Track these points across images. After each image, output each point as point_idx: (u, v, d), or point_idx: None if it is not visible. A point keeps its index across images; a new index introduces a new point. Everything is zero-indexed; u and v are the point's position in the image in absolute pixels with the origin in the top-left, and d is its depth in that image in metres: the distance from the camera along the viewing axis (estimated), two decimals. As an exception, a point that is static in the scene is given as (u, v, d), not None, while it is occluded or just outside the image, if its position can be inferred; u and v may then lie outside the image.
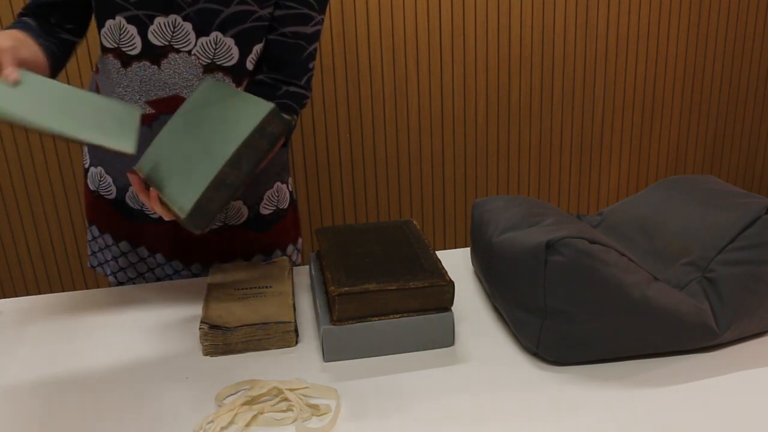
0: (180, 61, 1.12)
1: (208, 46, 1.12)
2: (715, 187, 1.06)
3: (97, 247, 1.33)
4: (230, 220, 1.27)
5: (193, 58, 1.12)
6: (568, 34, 2.30)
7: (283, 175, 1.32)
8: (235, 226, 1.28)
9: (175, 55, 1.12)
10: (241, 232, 1.28)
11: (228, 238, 1.28)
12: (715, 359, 0.92)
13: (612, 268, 0.88)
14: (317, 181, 2.29)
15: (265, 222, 1.30)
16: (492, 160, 2.40)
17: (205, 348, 0.97)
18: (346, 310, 0.93)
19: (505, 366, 0.92)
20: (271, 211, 1.30)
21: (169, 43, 1.11)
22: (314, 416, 0.84)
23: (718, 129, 2.56)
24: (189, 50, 1.11)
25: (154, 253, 1.28)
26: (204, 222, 0.91)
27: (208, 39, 1.11)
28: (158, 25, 1.09)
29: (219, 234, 1.27)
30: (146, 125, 1.16)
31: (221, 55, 1.13)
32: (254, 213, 1.29)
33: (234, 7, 1.09)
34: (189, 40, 1.11)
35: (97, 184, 1.26)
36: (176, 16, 1.09)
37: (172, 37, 1.10)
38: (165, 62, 1.12)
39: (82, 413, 0.86)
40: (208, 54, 1.12)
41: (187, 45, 1.11)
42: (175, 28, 1.10)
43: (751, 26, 2.44)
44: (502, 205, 1.08)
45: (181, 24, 1.10)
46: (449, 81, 2.26)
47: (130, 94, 1.14)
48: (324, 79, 2.18)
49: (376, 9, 2.14)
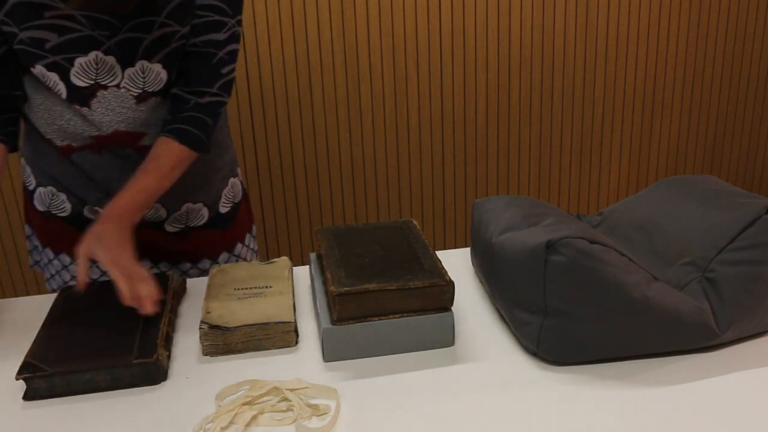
0: (110, 97, 1.09)
1: (137, 76, 1.08)
2: (715, 187, 1.06)
3: (54, 270, 1.28)
4: (191, 222, 1.27)
5: (123, 90, 1.09)
6: (568, 34, 2.30)
7: (234, 170, 1.32)
8: (197, 228, 1.28)
9: (103, 92, 1.08)
10: (204, 233, 1.29)
11: (192, 238, 1.28)
12: (715, 359, 0.92)
13: (612, 268, 0.88)
14: (317, 181, 2.29)
15: (225, 219, 1.31)
16: (492, 160, 2.40)
17: (205, 348, 0.97)
18: (346, 310, 0.93)
19: (505, 366, 0.92)
20: (228, 208, 1.31)
21: (95, 81, 1.07)
22: (314, 416, 0.84)
23: (718, 129, 2.56)
24: (117, 84, 1.08)
25: None
26: None
27: (135, 69, 1.08)
28: (80, 66, 1.06)
29: (181, 236, 1.27)
30: (96, 153, 1.15)
31: (150, 82, 1.10)
32: (215, 212, 1.29)
33: (156, 32, 1.06)
34: (115, 74, 1.07)
35: (48, 204, 1.23)
36: (97, 53, 1.06)
37: (97, 75, 1.07)
38: (94, 101, 1.09)
39: (82, 413, 0.86)
40: (137, 84, 1.09)
41: (114, 79, 1.08)
42: (99, 65, 1.06)
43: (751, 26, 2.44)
44: (502, 205, 1.08)
45: (103, 59, 1.06)
46: (449, 81, 2.26)
47: (68, 140, 1.13)
48: (324, 79, 2.18)
49: (376, 9, 2.13)
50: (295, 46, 2.13)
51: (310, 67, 2.16)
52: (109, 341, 0.94)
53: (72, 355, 0.91)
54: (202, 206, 1.27)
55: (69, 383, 0.89)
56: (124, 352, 0.91)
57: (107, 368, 0.90)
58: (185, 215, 1.26)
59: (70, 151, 1.15)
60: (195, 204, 1.26)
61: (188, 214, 1.26)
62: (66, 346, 0.93)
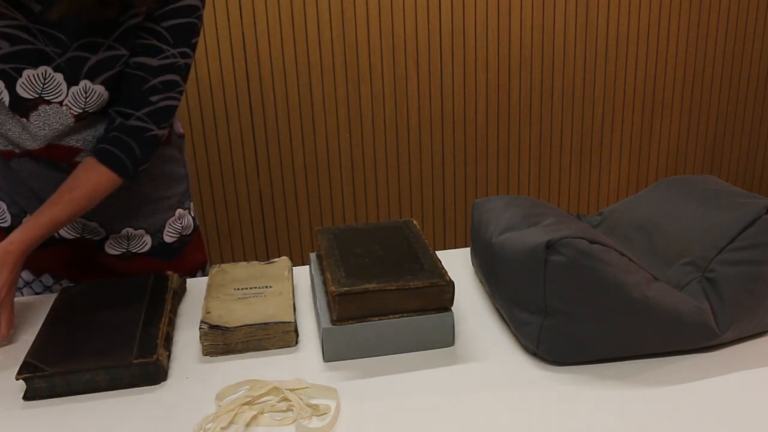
0: (50, 112, 1.08)
1: (79, 96, 1.07)
2: (715, 187, 1.06)
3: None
4: (133, 247, 1.25)
5: (65, 108, 1.08)
6: (568, 34, 2.30)
7: (184, 202, 1.30)
8: (140, 254, 1.26)
9: (45, 107, 1.07)
10: (147, 260, 1.27)
11: (134, 265, 1.26)
12: (715, 359, 0.92)
13: (612, 268, 0.88)
14: (317, 181, 2.29)
15: (171, 250, 1.29)
16: (492, 160, 2.40)
17: (205, 348, 0.97)
18: (346, 310, 0.93)
19: (505, 366, 0.92)
20: (175, 239, 1.29)
21: (39, 95, 1.06)
22: (314, 416, 0.84)
23: (718, 129, 2.57)
24: (60, 101, 1.07)
25: (59, 280, 1.26)
26: None
27: (78, 88, 1.07)
28: (27, 78, 1.05)
29: (122, 260, 1.26)
30: (34, 161, 1.13)
31: (92, 102, 1.08)
32: (158, 241, 1.27)
33: (102, 54, 1.05)
34: (60, 91, 1.06)
35: None
36: (46, 68, 1.05)
37: (43, 89, 1.06)
38: (34, 114, 1.08)
39: (82, 413, 0.86)
40: (79, 103, 1.08)
41: (58, 96, 1.07)
42: (46, 80, 1.05)
43: (751, 26, 2.44)
44: (502, 205, 1.08)
45: (51, 75, 1.05)
46: (449, 81, 2.26)
47: (11, 145, 1.12)
48: (324, 79, 2.18)
49: (376, 9, 2.14)
50: (295, 46, 2.13)
51: (310, 67, 2.16)
52: (109, 341, 0.94)
53: (72, 355, 0.91)
54: (144, 233, 1.25)
55: (69, 383, 0.89)
56: (124, 352, 0.91)
57: (107, 368, 0.90)
58: (126, 239, 1.24)
59: (10, 156, 1.14)
60: (136, 230, 1.24)
61: (129, 238, 1.24)
62: (66, 346, 0.93)
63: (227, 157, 2.21)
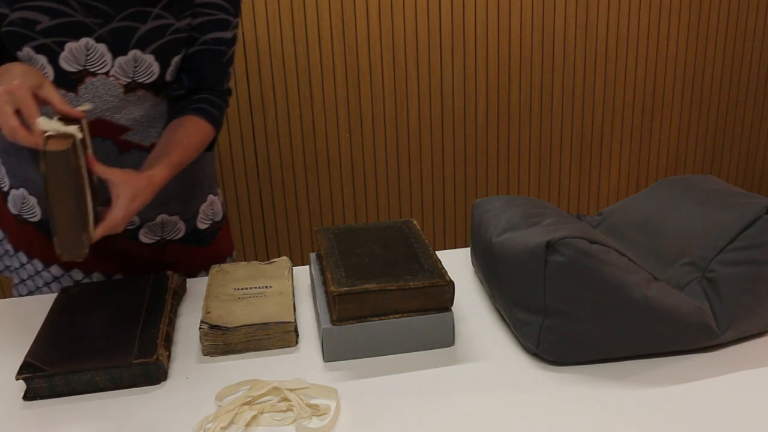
0: (98, 84, 1.08)
1: (127, 65, 1.08)
2: (715, 187, 1.06)
3: (26, 275, 1.25)
4: (167, 234, 1.25)
5: (111, 79, 1.08)
6: (568, 34, 2.30)
7: (213, 187, 1.31)
8: (174, 241, 1.26)
9: (92, 79, 1.08)
10: (181, 247, 1.27)
11: (168, 253, 1.26)
12: (715, 359, 0.92)
13: (612, 268, 0.88)
14: (317, 181, 2.29)
15: (204, 236, 1.29)
16: (492, 160, 2.40)
17: (205, 348, 0.97)
18: (346, 310, 0.93)
19: (505, 366, 0.92)
20: (208, 225, 1.29)
21: (83, 67, 1.07)
22: (314, 416, 0.84)
23: (718, 129, 2.57)
24: (106, 72, 1.08)
25: (89, 274, 1.24)
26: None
27: (127, 58, 1.08)
28: (69, 51, 1.05)
29: (157, 249, 1.25)
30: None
31: (141, 72, 1.09)
32: (192, 227, 1.27)
33: (151, 23, 1.07)
34: (105, 62, 1.07)
35: (20, 208, 1.20)
36: (88, 39, 1.05)
37: (86, 61, 1.06)
38: (82, 87, 1.08)
39: (82, 413, 0.86)
40: (127, 73, 1.09)
41: (103, 67, 1.07)
42: (89, 52, 1.06)
43: (751, 26, 2.44)
44: (502, 205, 1.08)
45: (94, 46, 1.06)
46: (449, 81, 2.26)
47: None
48: (324, 79, 2.18)
49: (376, 9, 2.14)
50: (295, 46, 2.13)
51: (310, 67, 2.16)
52: (109, 341, 0.94)
53: (72, 355, 0.91)
54: (178, 219, 1.25)
55: (69, 383, 0.89)
56: (124, 352, 0.91)
57: (107, 368, 0.90)
58: (160, 226, 1.24)
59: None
60: (171, 216, 1.24)
61: (163, 225, 1.24)
62: (66, 346, 0.93)
63: (227, 157, 2.21)
